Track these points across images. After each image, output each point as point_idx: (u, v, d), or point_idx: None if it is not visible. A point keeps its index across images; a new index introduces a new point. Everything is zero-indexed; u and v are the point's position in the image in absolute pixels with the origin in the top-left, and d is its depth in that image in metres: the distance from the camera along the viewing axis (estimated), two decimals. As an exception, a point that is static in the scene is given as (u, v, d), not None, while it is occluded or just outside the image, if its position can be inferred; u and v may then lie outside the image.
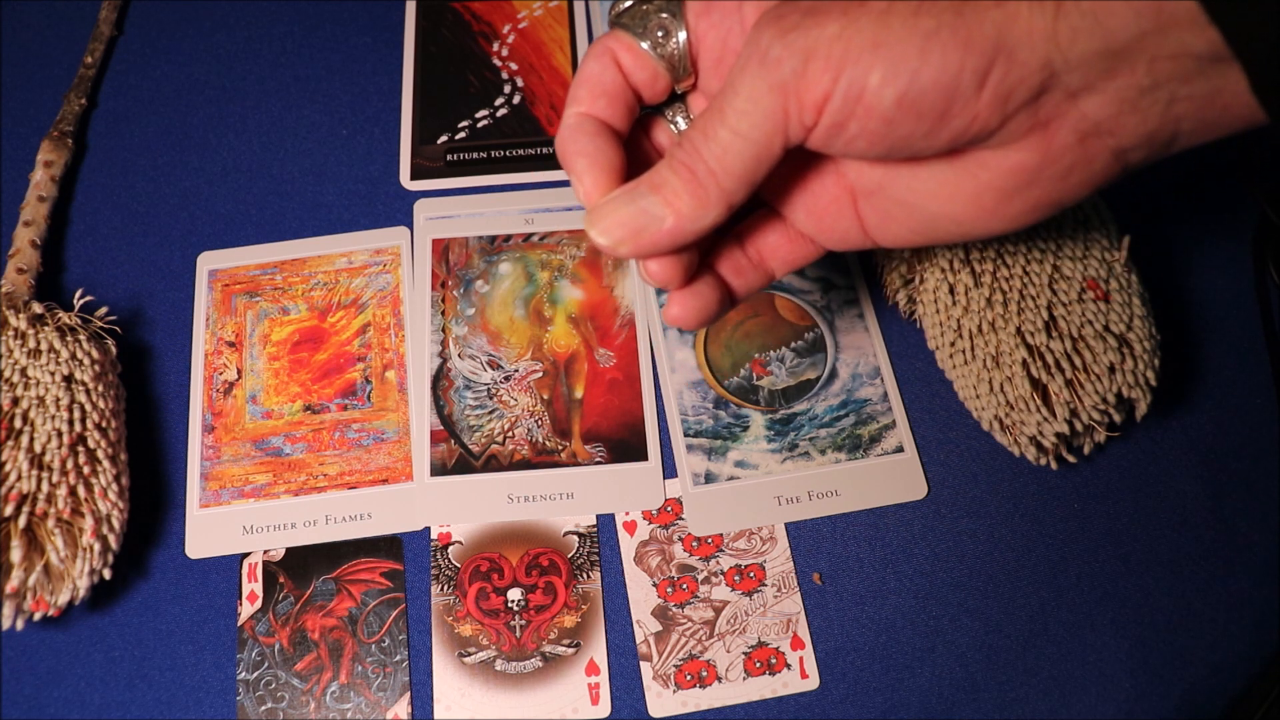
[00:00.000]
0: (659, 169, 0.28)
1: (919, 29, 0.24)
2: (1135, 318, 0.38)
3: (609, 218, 0.28)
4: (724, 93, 0.27)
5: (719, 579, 0.41)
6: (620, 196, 0.28)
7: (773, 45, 0.25)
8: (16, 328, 0.39)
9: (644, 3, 0.30)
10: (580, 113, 0.30)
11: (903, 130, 0.26)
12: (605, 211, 0.28)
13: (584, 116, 0.30)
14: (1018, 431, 0.39)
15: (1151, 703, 0.39)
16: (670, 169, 0.28)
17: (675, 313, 0.32)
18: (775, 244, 0.33)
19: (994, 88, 0.25)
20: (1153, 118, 0.25)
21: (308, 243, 0.47)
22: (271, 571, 0.41)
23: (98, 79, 0.52)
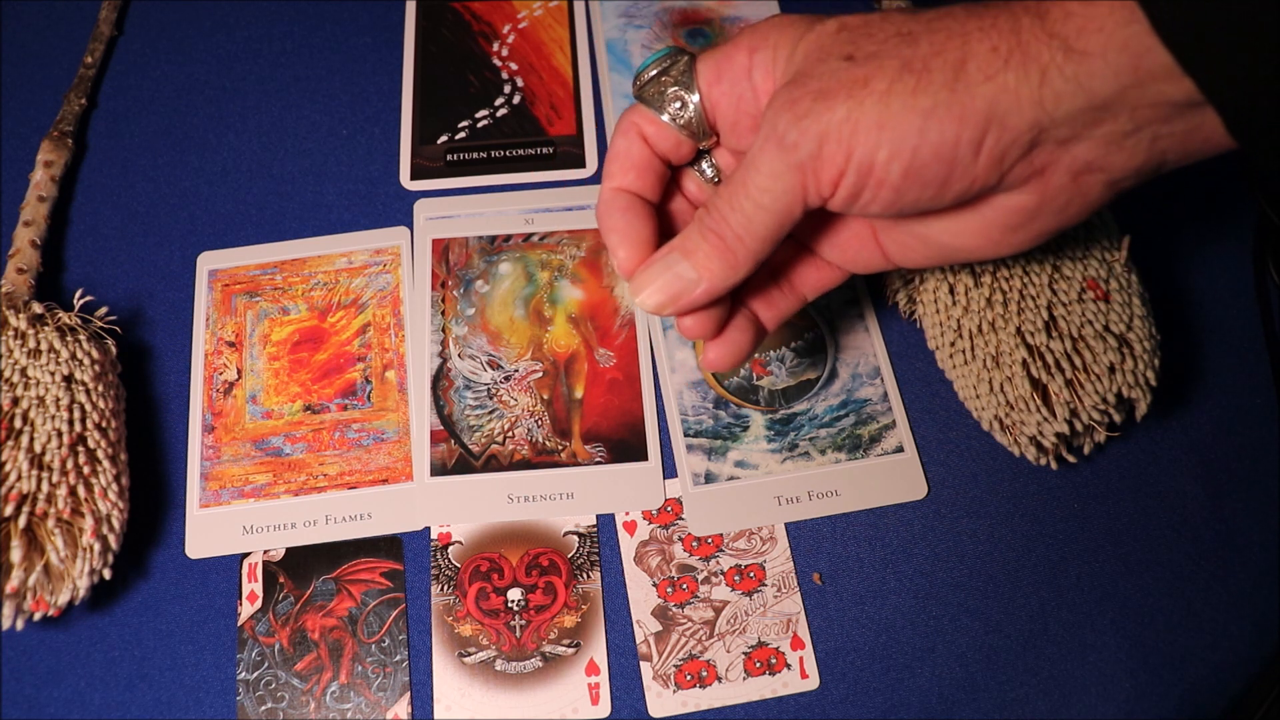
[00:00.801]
0: (690, 235, 0.31)
1: (918, 108, 0.27)
2: (1135, 318, 0.38)
3: (649, 285, 0.32)
4: (746, 168, 0.30)
5: (719, 579, 0.41)
6: (658, 264, 0.32)
7: (789, 130, 0.28)
8: (16, 328, 0.39)
9: (661, 76, 0.32)
10: (614, 188, 0.33)
11: (911, 196, 0.28)
12: (645, 280, 0.32)
13: (617, 192, 0.33)
14: (1018, 431, 0.39)
15: (1151, 703, 0.39)
16: (701, 236, 0.31)
17: (712, 358, 0.34)
18: (804, 272, 0.36)
19: (989, 152, 0.27)
20: (1139, 154, 0.27)
21: (308, 243, 0.47)
22: (271, 571, 0.41)
23: (98, 79, 0.52)
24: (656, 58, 0.32)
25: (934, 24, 0.28)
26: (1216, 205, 0.48)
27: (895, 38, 0.28)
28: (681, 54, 0.32)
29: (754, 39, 0.31)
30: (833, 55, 0.28)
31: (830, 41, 0.29)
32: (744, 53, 0.31)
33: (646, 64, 0.33)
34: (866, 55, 0.28)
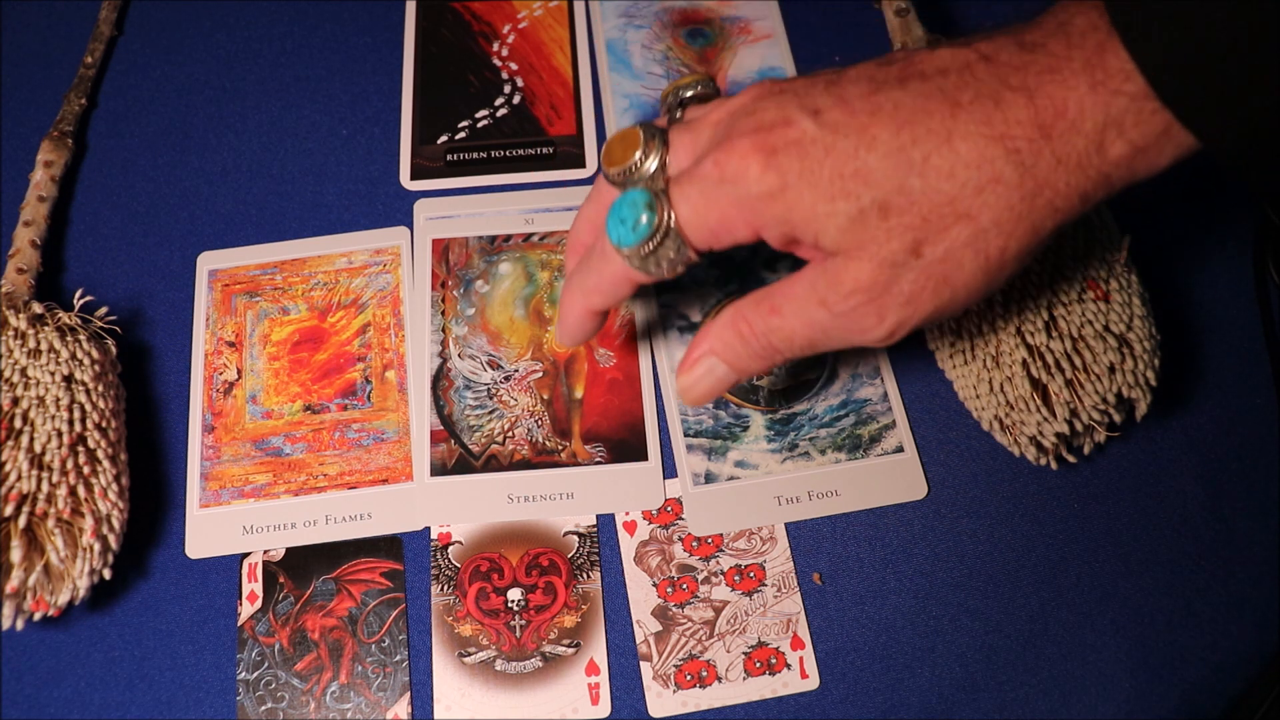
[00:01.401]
0: (728, 341, 0.33)
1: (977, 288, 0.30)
2: (1135, 318, 0.38)
3: (695, 388, 0.35)
4: (795, 305, 0.31)
5: (719, 579, 0.41)
6: (700, 369, 0.34)
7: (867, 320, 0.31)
8: (16, 328, 0.39)
9: (659, 246, 0.32)
10: (592, 310, 0.36)
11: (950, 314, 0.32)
12: (691, 384, 0.35)
13: (592, 314, 0.37)
14: (1018, 431, 0.39)
15: (1151, 703, 0.39)
16: (740, 343, 0.33)
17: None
18: None
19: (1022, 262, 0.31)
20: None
21: (308, 243, 0.47)
22: (271, 571, 0.41)
23: (98, 79, 0.52)
24: (644, 237, 0.32)
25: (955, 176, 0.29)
26: (1216, 205, 0.48)
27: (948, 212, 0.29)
28: (666, 227, 0.32)
29: (757, 221, 0.31)
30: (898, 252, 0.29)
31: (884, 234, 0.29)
32: (745, 231, 0.31)
33: (633, 241, 0.32)
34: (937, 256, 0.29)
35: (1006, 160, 0.28)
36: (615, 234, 0.32)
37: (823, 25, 0.53)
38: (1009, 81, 0.28)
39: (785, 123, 0.30)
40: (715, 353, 0.34)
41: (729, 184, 0.30)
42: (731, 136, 0.31)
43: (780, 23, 0.53)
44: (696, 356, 0.34)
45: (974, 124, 0.28)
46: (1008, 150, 0.28)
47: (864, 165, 0.29)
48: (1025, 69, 0.28)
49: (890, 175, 0.28)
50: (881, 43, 0.49)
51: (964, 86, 0.29)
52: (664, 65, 0.52)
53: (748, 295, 0.33)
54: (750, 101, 0.32)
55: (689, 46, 0.53)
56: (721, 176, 0.30)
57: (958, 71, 0.29)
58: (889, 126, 0.29)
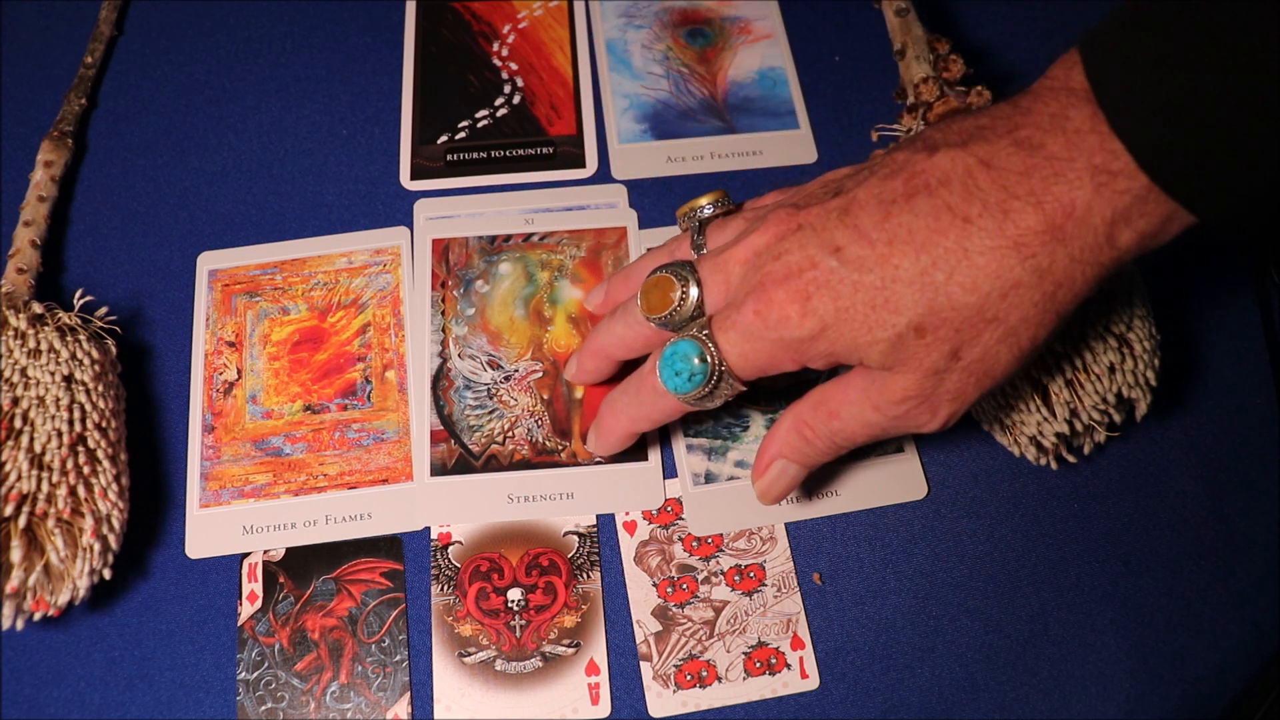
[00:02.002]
0: (793, 443, 0.36)
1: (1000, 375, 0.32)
2: (1135, 317, 0.38)
3: (773, 492, 0.38)
4: (851, 411, 0.34)
5: (719, 579, 0.41)
6: (774, 473, 0.37)
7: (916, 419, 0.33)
8: (16, 328, 0.39)
9: (713, 390, 0.35)
10: (637, 433, 0.40)
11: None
12: (772, 493, 0.38)
13: (633, 435, 0.40)
14: (1018, 431, 0.39)
15: (1151, 703, 0.39)
16: (807, 445, 0.36)
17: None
18: None
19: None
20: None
21: (308, 243, 0.47)
22: (271, 571, 0.41)
23: (98, 79, 0.52)
24: (699, 384, 0.35)
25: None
26: (1216, 205, 0.48)
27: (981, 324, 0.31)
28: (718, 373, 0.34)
29: (803, 359, 0.33)
30: (938, 361, 0.31)
31: (923, 350, 0.31)
32: (791, 365, 0.34)
33: (690, 389, 0.35)
34: (975, 357, 0.31)
35: (1023, 267, 0.29)
36: (671, 384, 0.35)
37: (823, 25, 0.53)
38: (1014, 191, 0.29)
39: (811, 265, 0.32)
40: (785, 455, 0.36)
41: (772, 330, 0.32)
42: (765, 285, 0.33)
43: (780, 23, 0.53)
44: (767, 461, 0.37)
45: (988, 237, 0.30)
46: (1024, 257, 0.29)
47: (893, 295, 0.31)
48: (1029, 175, 0.29)
49: (919, 300, 0.30)
50: (882, 43, 0.49)
51: (970, 199, 0.30)
52: (664, 65, 0.52)
53: (805, 398, 0.36)
54: (774, 242, 0.33)
55: (689, 46, 0.53)
56: (765, 325, 0.33)
57: (960, 182, 0.30)
58: (908, 254, 0.30)
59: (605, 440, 0.40)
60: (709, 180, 0.49)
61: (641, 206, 0.48)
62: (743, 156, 0.50)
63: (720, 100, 0.51)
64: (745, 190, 0.49)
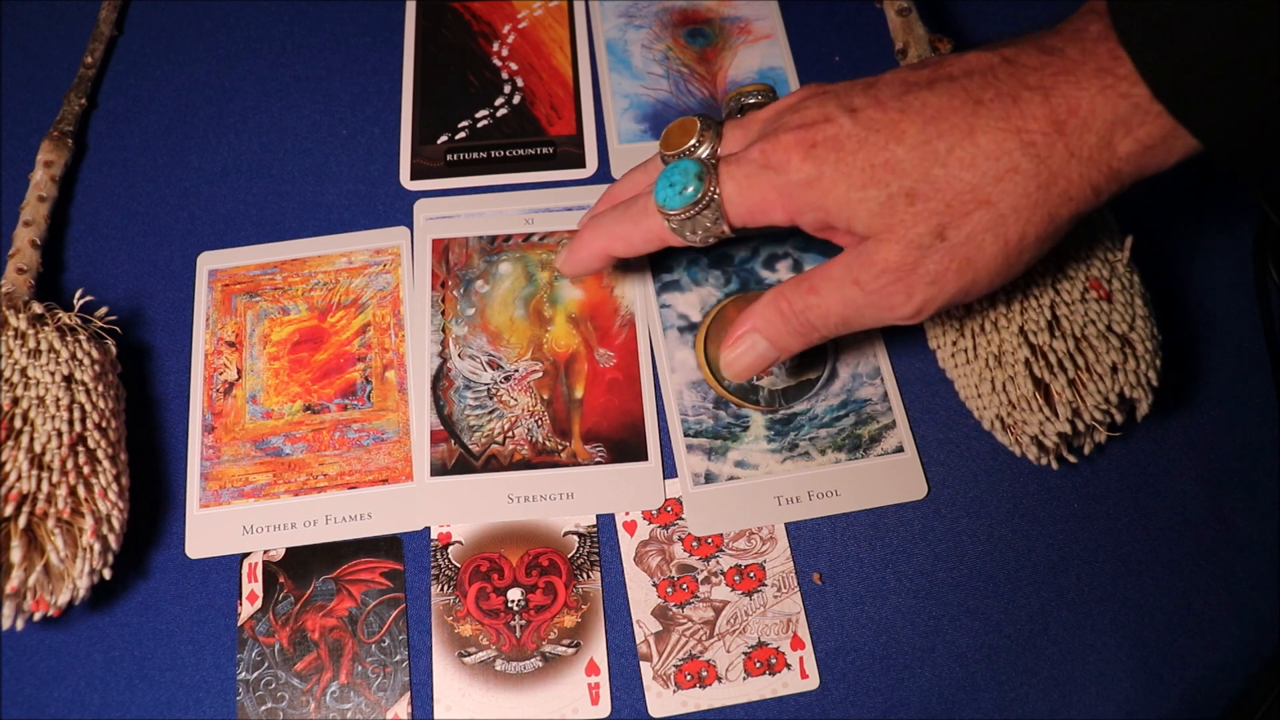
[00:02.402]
0: (769, 318, 0.36)
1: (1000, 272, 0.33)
2: (1138, 318, 0.38)
3: (737, 364, 0.37)
4: (832, 285, 0.34)
5: (719, 579, 0.41)
6: (743, 345, 0.37)
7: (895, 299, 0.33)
8: (16, 328, 0.39)
9: (698, 214, 0.35)
10: (609, 253, 0.39)
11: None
12: (733, 359, 0.37)
13: (606, 255, 0.39)
14: (1019, 431, 0.39)
15: (1151, 703, 0.39)
16: (780, 320, 0.36)
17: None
18: None
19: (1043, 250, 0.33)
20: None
21: (308, 243, 0.47)
22: (271, 571, 0.41)
23: (98, 79, 0.52)
24: (689, 202, 0.35)
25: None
26: (1216, 205, 0.48)
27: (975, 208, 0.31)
28: (710, 198, 0.35)
29: (793, 206, 0.34)
30: (924, 235, 0.32)
31: (911, 218, 0.32)
32: (781, 214, 0.34)
33: (678, 204, 0.35)
34: (960, 239, 0.31)
35: (1023, 152, 0.30)
36: (662, 195, 0.35)
37: (823, 25, 0.53)
38: (1027, 82, 0.31)
39: (825, 120, 0.33)
40: (757, 330, 0.36)
41: (772, 170, 0.33)
42: (778, 131, 0.34)
43: (780, 23, 0.53)
44: (740, 334, 0.37)
45: (994, 119, 0.31)
46: (1024, 143, 0.30)
47: (893, 157, 0.32)
48: (1042, 70, 0.31)
49: (916, 165, 0.31)
50: (883, 43, 0.49)
51: (986, 86, 0.31)
52: (664, 65, 0.52)
53: (788, 280, 0.36)
54: (797, 101, 0.35)
55: (689, 46, 0.53)
56: (766, 163, 0.33)
57: (981, 73, 0.32)
58: (916, 122, 0.32)
59: (577, 255, 0.40)
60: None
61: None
62: (743, 156, 0.50)
63: (720, 100, 0.51)
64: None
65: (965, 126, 0.31)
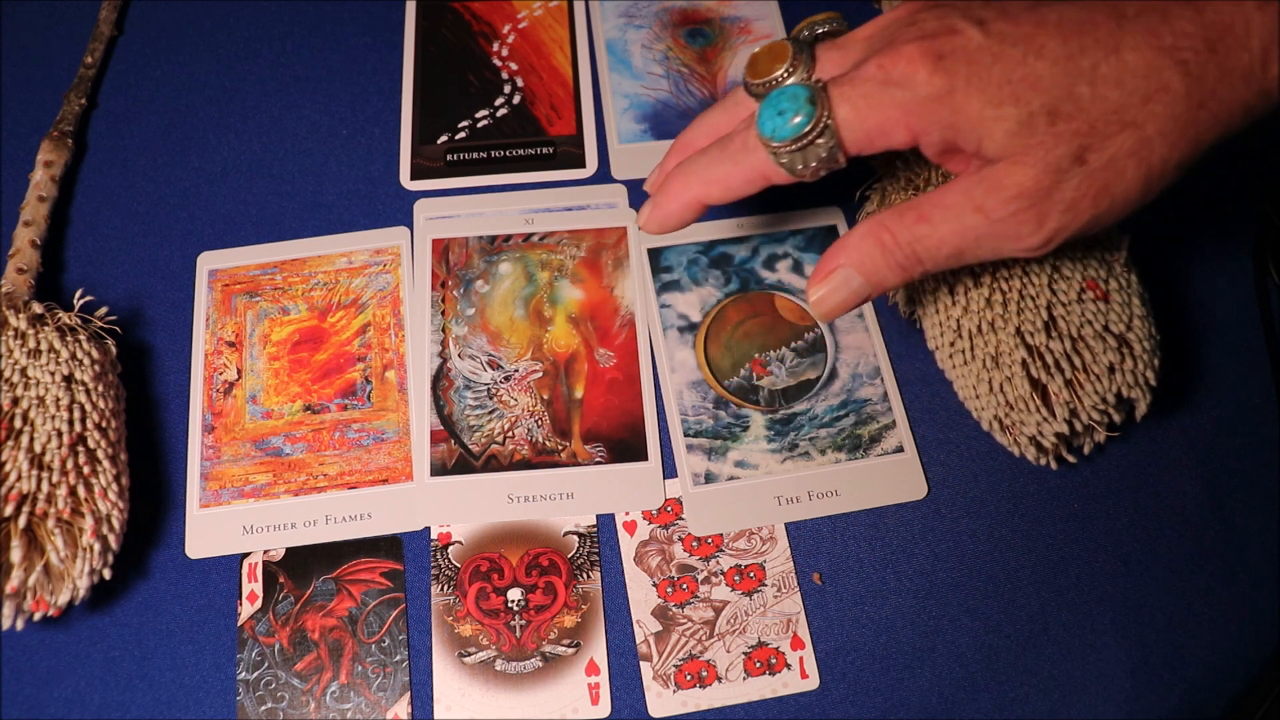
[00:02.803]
0: (866, 251, 0.32)
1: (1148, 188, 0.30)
2: (1135, 318, 0.38)
3: (828, 303, 0.34)
4: (946, 215, 0.31)
5: (719, 579, 0.41)
6: (836, 280, 0.33)
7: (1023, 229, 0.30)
8: (16, 328, 0.39)
9: (811, 143, 0.32)
10: (703, 201, 0.35)
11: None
12: (827, 303, 0.34)
13: (699, 205, 0.35)
14: (1017, 432, 0.39)
15: (1151, 703, 0.39)
16: (883, 254, 0.32)
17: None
18: None
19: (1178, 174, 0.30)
20: None
21: (308, 243, 0.47)
22: (271, 571, 0.41)
23: (98, 79, 0.52)
24: (800, 130, 0.31)
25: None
26: (1216, 205, 0.48)
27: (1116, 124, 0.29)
28: (823, 124, 0.31)
29: (919, 125, 0.31)
30: (1064, 158, 0.29)
31: (1051, 139, 0.29)
32: (904, 135, 0.31)
33: (789, 134, 0.31)
34: (1100, 164, 0.29)
35: (1175, 70, 0.28)
36: (770, 126, 0.32)
37: (823, 25, 0.53)
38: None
39: (951, 31, 0.30)
40: (851, 263, 0.33)
41: (895, 87, 0.30)
42: (895, 44, 0.30)
43: (780, 23, 0.53)
44: (831, 268, 0.33)
45: (1142, 35, 0.28)
46: (1176, 61, 0.28)
47: (1032, 72, 0.29)
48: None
49: (1059, 82, 0.29)
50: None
51: (1128, 0, 0.29)
52: (664, 65, 0.52)
53: (886, 210, 0.32)
54: (907, 15, 0.32)
55: (689, 46, 0.53)
56: (887, 79, 0.30)
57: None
58: (1056, 36, 0.29)
59: (665, 208, 0.36)
60: (709, 180, 0.49)
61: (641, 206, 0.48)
62: (743, 156, 0.50)
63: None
64: (745, 190, 0.49)
65: (1111, 42, 0.28)
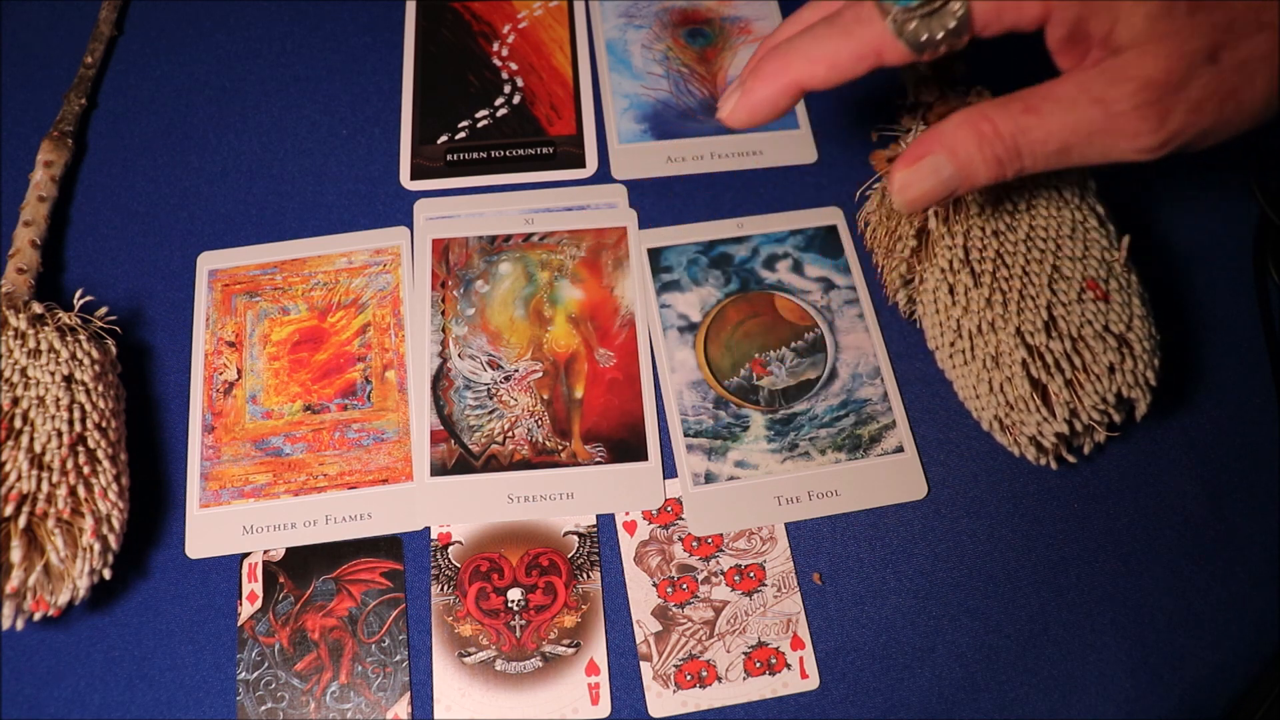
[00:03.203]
0: (962, 139, 0.30)
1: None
2: (1135, 318, 0.38)
3: (914, 190, 0.31)
4: (1057, 107, 0.29)
5: (719, 579, 0.41)
6: (925, 167, 0.31)
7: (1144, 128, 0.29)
8: (16, 328, 0.39)
9: (939, 9, 0.29)
10: (803, 85, 0.32)
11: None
12: (912, 190, 0.31)
13: (796, 89, 0.32)
14: (1017, 432, 0.39)
15: (1151, 703, 0.39)
16: (980, 144, 0.30)
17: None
18: None
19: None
20: None
21: (308, 243, 0.47)
22: (271, 571, 0.41)
23: (98, 79, 0.52)
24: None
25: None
26: (1216, 205, 0.48)
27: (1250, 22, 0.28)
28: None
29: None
30: (1198, 52, 0.28)
31: (1189, 29, 0.28)
32: (1036, 10, 0.29)
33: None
34: (1233, 64, 0.28)
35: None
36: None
37: (823, 25, 0.53)
38: None
39: None
40: (945, 151, 0.31)
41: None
42: None
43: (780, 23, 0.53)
44: (922, 152, 0.31)
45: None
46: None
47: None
48: None
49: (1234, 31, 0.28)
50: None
51: None
52: (664, 65, 0.52)
53: (989, 100, 0.30)
54: None
55: (689, 46, 0.53)
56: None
57: None
58: None
59: (756, 94, 0.32)
60: (709, 180, 0.49)
61: (641, 206, 0.48)
62: (743, 156, 0.50)
63: (720, 100, 0.51)
64: (745, 190, 0.49)
65: None
